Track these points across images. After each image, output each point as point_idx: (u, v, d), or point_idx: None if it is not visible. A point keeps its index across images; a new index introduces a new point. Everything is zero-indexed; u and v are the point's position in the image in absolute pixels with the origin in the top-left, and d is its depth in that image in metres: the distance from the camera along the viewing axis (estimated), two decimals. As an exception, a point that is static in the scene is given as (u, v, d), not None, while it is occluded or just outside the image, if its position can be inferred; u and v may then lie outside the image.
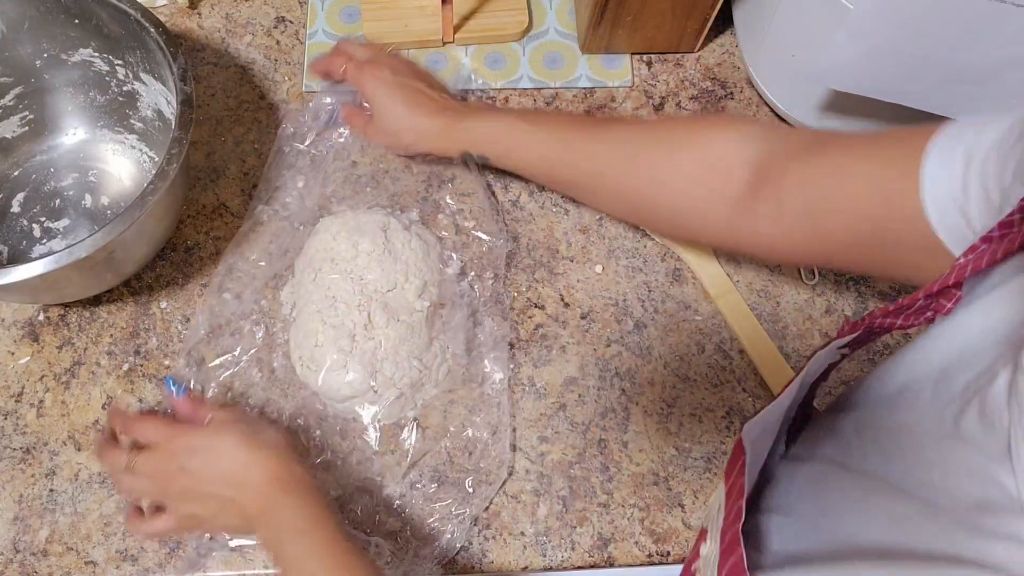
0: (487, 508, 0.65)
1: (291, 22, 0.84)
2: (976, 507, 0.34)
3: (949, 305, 0.45)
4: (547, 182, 0.72)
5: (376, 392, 0.65)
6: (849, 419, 0.53)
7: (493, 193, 0.76)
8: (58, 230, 0.74)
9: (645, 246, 0.75)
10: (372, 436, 0.66)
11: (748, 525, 0.52)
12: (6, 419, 0.67)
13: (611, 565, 0.65)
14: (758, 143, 0.57)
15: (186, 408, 0.60)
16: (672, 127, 0.64)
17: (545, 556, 0.64)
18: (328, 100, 0.75)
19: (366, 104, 0.73)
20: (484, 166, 0.72)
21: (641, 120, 0.65)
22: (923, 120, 0.63)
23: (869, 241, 0.50)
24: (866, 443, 0.49)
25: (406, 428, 0.67)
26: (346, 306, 0.65)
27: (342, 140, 0.76)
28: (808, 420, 0.61)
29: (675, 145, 0.61)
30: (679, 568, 0.66)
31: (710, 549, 0.53)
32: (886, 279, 0.73)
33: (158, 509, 0.59)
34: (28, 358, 0.69)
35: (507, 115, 0.69)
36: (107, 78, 0.74)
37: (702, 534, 0.56)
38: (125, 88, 0.74)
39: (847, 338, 0.51)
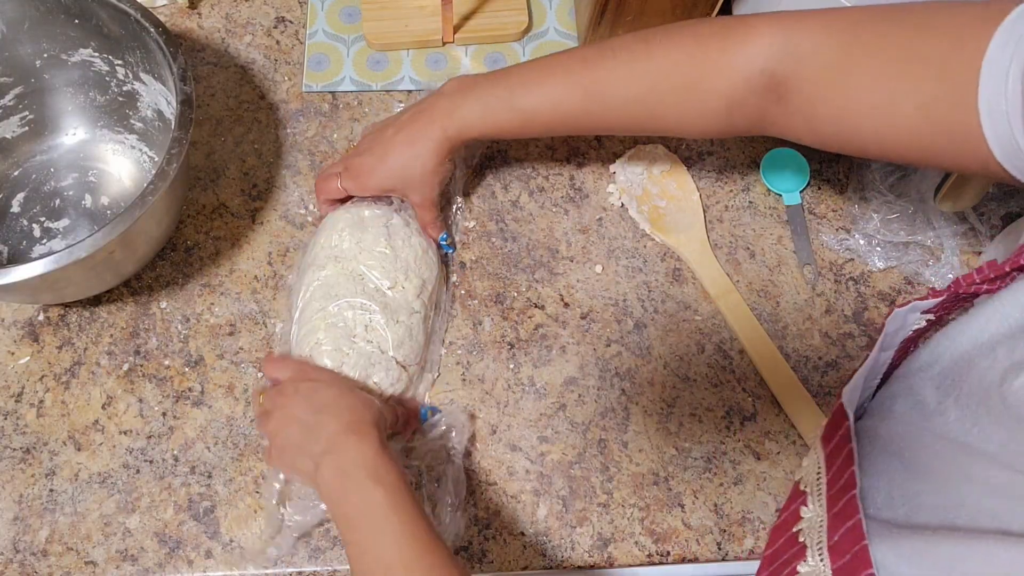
0: (487, 508, 0.65)
1: (291, 22, 0.84)
2: None
3: None
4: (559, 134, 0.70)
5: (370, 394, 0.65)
6: (927, 378, 0.51)
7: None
8: (58, 230, 0.74)
9: (645, 246, 0.75)
10: None
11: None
12: (6, 419, 0.67)
13: (611, 565, 0.65)
14: (774, 57, 0.52)
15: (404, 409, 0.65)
16: (675, 70, 0.58)
17: (545, 556, 0.64)
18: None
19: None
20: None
21: (632, 61, 0.59)
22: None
23: (915, 155, 0.47)
24: (948, 407, 0.48)
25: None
26: (348, 305, 0.65)
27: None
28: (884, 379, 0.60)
29: (685, 94, 0.57)
30: (679, 568, 0.66)
31: (814, 512, 0.52)
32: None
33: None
34: (28, 358, 0.69)
35: (494, 89, 0.64)
36: (107, 78, 0.74)
37: (798, 495, 0.55)
38: (125, 88, 0.74)
39: (931, 301, 0.49)
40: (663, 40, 0.58)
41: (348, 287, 0.65)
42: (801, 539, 0.53)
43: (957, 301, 0.50)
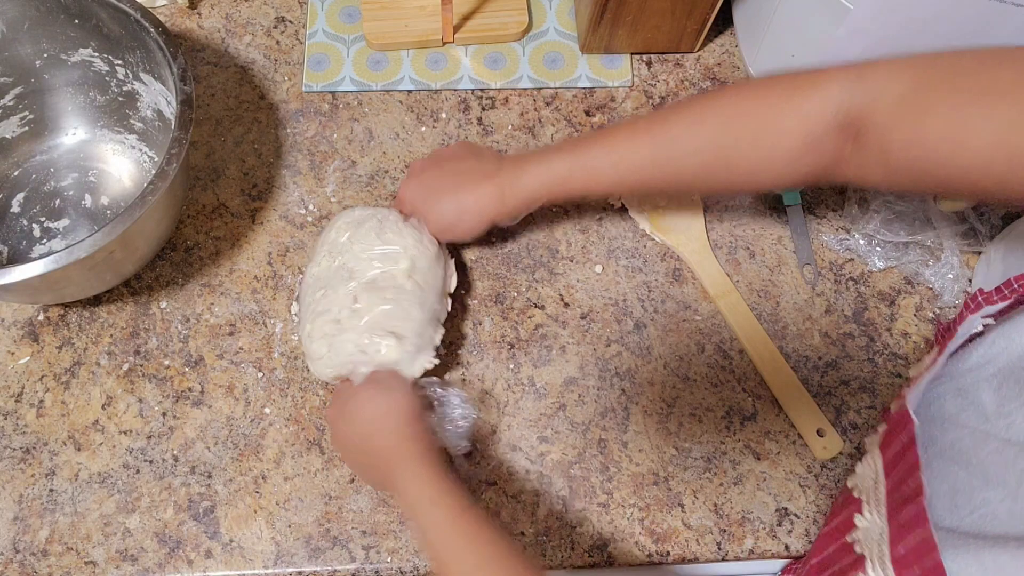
0: (487, 508, 0.65)
1: (291, 22, 0.84)
2: None
3: None
4: (626, 195, 0.70)
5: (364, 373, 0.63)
6: (981, 379, 0.50)
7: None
8: (58, 230, 0.74)
9: (645, 246, 0.75)
10: None
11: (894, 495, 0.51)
12: (6, 419, 0.67)
13: (611, 565, 0.65)
14: (845, 102, 0.51)
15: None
16: (745, 115, 0.57)
17: (545, 556, 0.64)
18: None
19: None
20: None
21: (703, 111, 0.58)
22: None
23: (990, 187, 0.46)
24: (1013, 410, 0.47)
25: None
26: (334, 291, 0.64)
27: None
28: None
29: (756, 139, 0.56)
30: (678, 568, 0.66)
31: (872, 520, 0.51)
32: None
33: None
34: (28, 358, 0.69)
35: (559, 153, 0.64)
36: (107, 78, 0.74)
37: (851, 502, 0.53)
38: (125, 88, 0.74)
39: (1000, 305, 0.49)
40: (731, 91, 0.58)
41: (337, 276, 0.65)
42: (858, 549, 0.51)
43: (1020, 303, 0.49)
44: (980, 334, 0.53)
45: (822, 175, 0.55)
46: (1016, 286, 0.48)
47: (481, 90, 0.81)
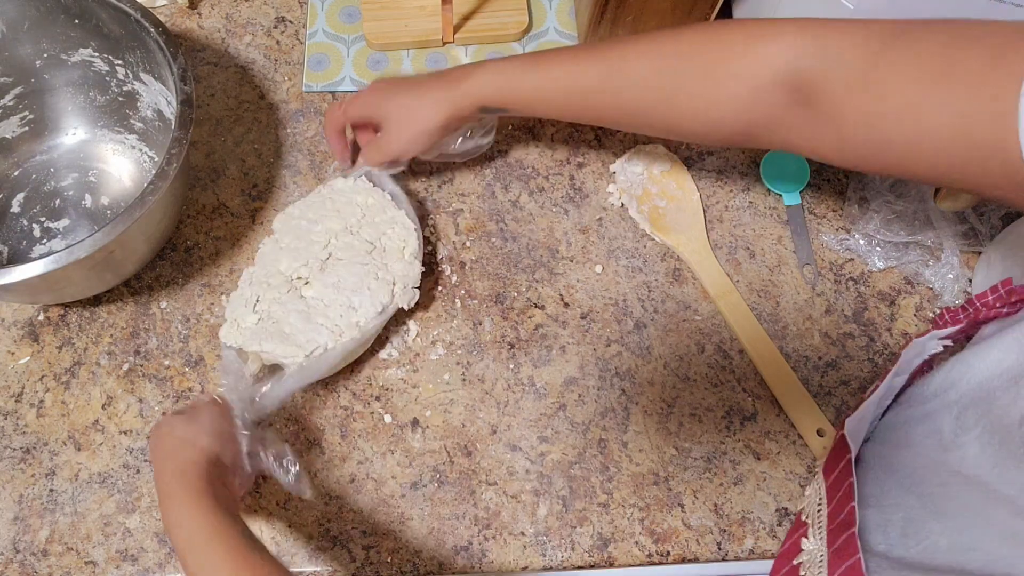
0: (487, 508, 0.65)
1: (291, 22, 0.84)
2: None
3: None
4: (572, 120, 0.67)
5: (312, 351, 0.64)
6: (943, 405, 0.49)
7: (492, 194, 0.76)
8: (58, 230, 0.74)
9: (645, 246, 0.75)
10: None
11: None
12: (6, 419, 0.67)
13: (611, 565, 0.65)
14: (801, 54, 0.49)
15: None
16: (699, 51, 0.55)
17: (545, 556, 0.64)
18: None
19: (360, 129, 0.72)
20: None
21: (660, 43, 0.56)
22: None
23: (946, 173, 0.44)
24: (967, 442, 0.46)
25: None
26: (287, 264, 0.66)
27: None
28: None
29: (707, 76, 0.54)
30: (679, 568, 0.66)
31: (815, 546, 0.51)
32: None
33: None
34: (28, 358, 0.69)
35: (513, 62, 0.64)
36: (107, 78, 0.74)
37: (799, 526, 0.54)
38: (125, 88, 0.74)
39: (950, 329, 0.48)
40: (690, 28, 0.56)
41: (294, 247, 0.67)
42: (802, 572, 0.52)
43: (975, 325, 0.49)
44: (939, 355, 0.52)
45: (760, 134, 0.53)
46: (979, 305, 0.47)
47: (481, 90, 0.81)
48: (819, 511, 0.50)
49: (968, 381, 0.48)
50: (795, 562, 0.53)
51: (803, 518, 0.54)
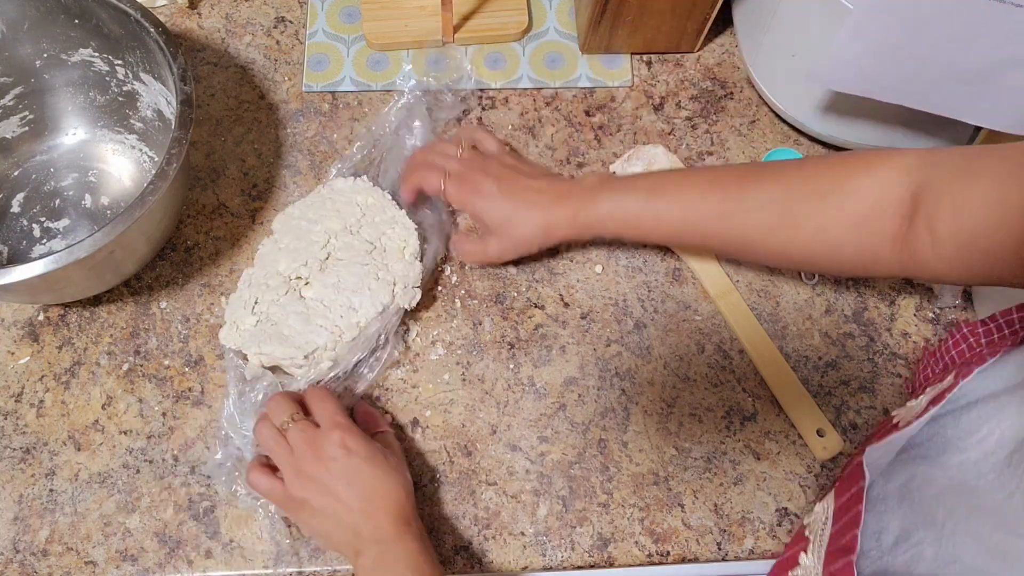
0: (487, 508, 0.65)
1: (291, 22, 0.84)
2: None
3: None
4: (688, 250, 0.71)
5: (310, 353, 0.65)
6: (949, 411, 0.50)
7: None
8: (58, 230, 0.74)
9: (645, 246, 0.75)
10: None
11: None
12: (6, 419, 0.67)
13: (611, 565, 0.65)
14: (911, 175, 0.52)
15: (366, 409, 0.64)
16: (817, 175, 0.58)
17: (545, 556, 0.64)
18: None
19: (463, 220, 0.74)
20: None
21: (778, 170, 0.59)
22: (924, 121, 0.62)
23: None
24: (970, 445, 0.47)
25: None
26: (286, 265, 0.66)
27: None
28: None
29: (824, 197, 0.56)
30: (679, 568, 0.66)
31: (812, 562, 0.51)
32: None
33: (272, 466, 0.60)
34: (28, 358, 0.69)
35: (633, 191, 0.64)
36: (107, 78, 0.74)
37: (800, 539, 0.54)
38: (125, 88, 0.74)
39: (991, 361, 0.49)
40: (811, 158, 0.59)
41: (294, 248, 0.67)
42: None
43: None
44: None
45: (881, 255, 0.54)
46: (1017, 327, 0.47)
47: (481, 90, 0.81)
48: (823, 530, 0.51)
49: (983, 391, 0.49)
50: (791, 574, 0.54)
51: (806, 533, 0.54)
